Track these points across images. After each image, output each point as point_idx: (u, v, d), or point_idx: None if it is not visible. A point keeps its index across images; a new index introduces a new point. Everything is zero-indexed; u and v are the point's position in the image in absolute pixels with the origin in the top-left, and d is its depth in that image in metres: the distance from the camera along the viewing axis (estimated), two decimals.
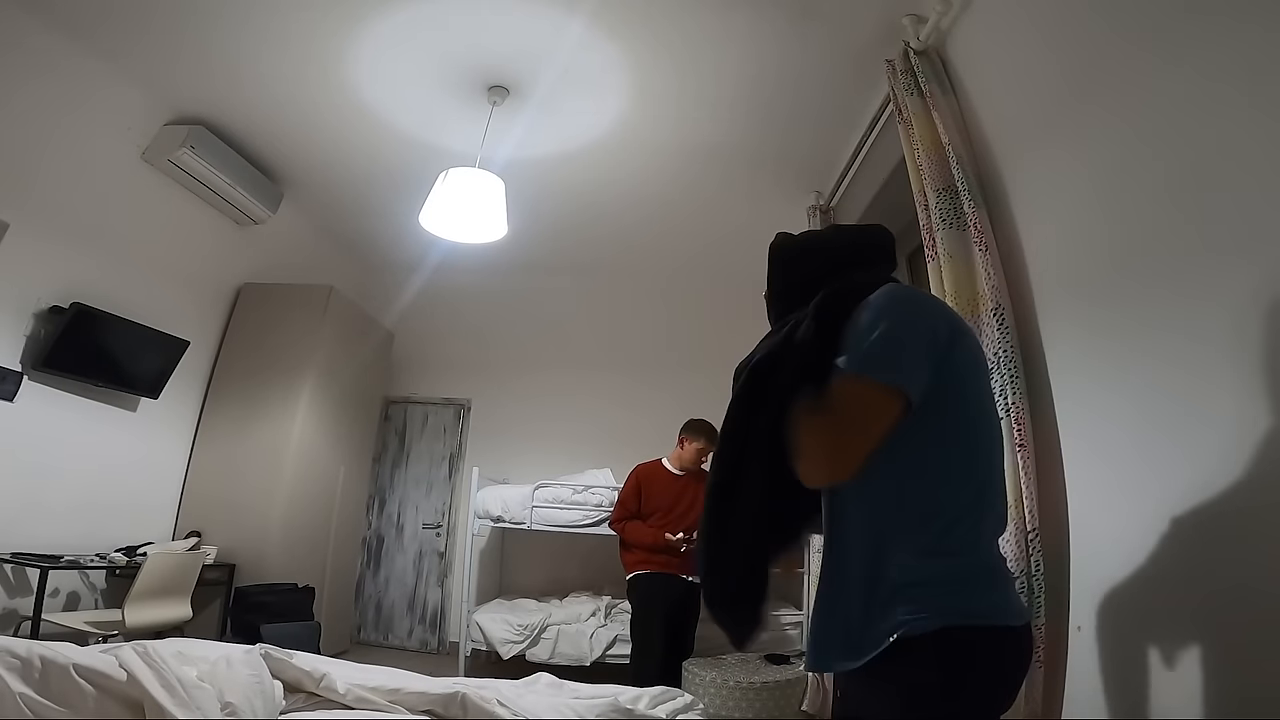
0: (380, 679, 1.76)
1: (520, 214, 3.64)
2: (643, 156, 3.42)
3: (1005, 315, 1.76)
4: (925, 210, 2.07)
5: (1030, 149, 1.85)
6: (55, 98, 2.81)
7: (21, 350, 2.99)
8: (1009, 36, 1.97)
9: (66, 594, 3.21)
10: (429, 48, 2.70)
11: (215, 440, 3.98)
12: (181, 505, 3.91)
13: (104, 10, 2.57)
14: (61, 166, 3.00)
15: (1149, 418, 1.38)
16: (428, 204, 2.87)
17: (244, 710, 1.47)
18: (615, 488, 4.22)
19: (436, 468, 5.38)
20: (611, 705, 1.82)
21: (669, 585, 3.09)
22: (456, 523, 5.20)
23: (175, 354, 3.66)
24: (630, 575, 3.20)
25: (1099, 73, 1.57)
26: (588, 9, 2.45)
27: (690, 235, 4.21)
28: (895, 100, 2.29)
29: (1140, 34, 1.43)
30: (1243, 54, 1.17)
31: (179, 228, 3.65)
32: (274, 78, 2.95)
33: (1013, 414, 1.67)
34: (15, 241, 2.85)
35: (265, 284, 4.32)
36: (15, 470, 2.96)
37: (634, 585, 3.18)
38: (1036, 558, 1.57)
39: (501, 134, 3.12)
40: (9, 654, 1.32)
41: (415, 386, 5.54)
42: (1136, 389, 1.42)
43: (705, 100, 2.96)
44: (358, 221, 4.39)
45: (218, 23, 2.63)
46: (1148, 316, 1.40)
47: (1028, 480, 1.62)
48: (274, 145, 3.53)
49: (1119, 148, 1.50)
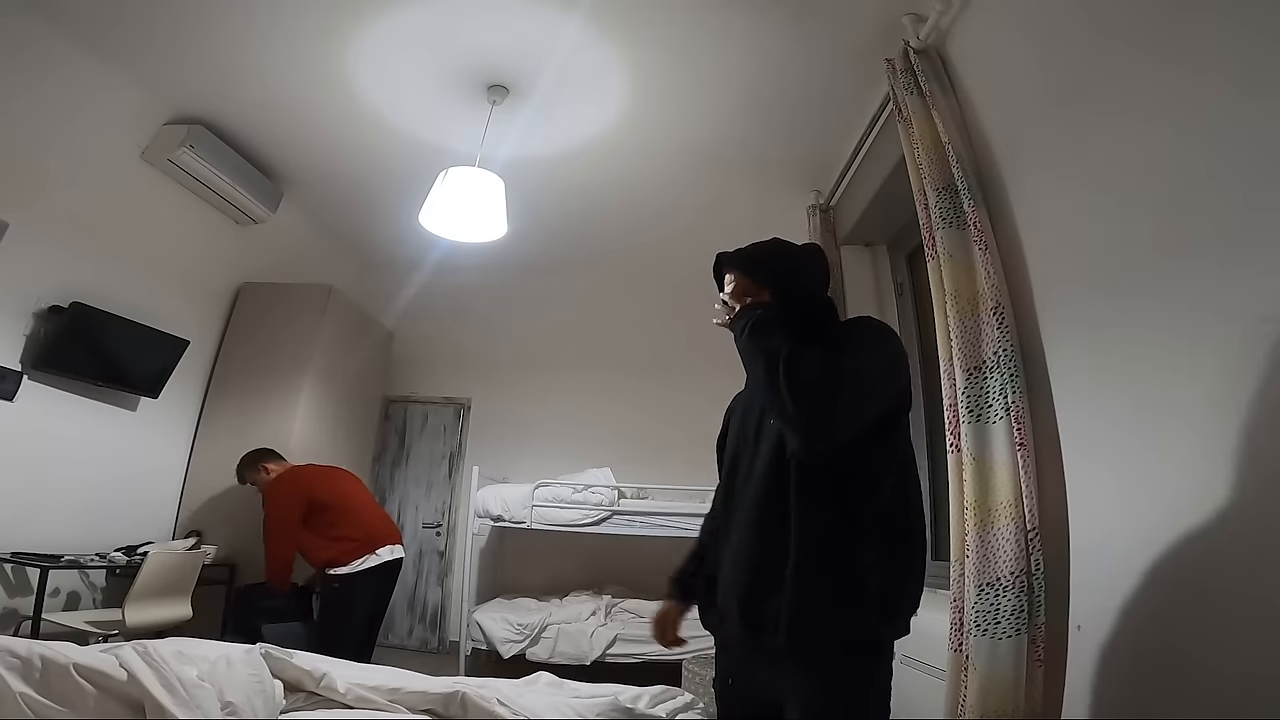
0: (380, 678, 1.76)
1: (520, 213, 3.64)
2: (642, 155, 3.42)
3: (1005, 314, 1.76)
4: (925, 209, 2.07)
5: (1030, 147, 1.84)
6: (55, 97, 2.81)
7: (21, 350, 2.99)
8: (1009, 35, 1.96)
9: (67, 594, 3.21)
10: (428, 47, 2.70)
11: (215, 440, 3.98)
12: (181, 505, 3.91)
13: (103, 10, 2.57)
14: (61, 166, 2.99)
15: (1149, 417, 1.38)
16: (427, 203, 2.87)
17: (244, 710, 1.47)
18: (615, 487, 4.23)
19: (436, 467, 5.38)
20: (611, 705, 1.82)
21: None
22: (456, 522, 5.20)
23: (175, 353, 3.66)
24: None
25: (1099, 71, 1.56)
26: (587, 7, 2.44)
27: (690, 234, 4.20)
28: (895, 99, 2.28)
29: (1140, 33, 1.43)
30: (1243, 52, 1.16)
31: (178, 227, 3.65)
32: (273, 77, 2.95)
33: (1013, 413, 1.67)
34: (15, 241, 2.85)
35: (265, 283, 4.32)
36: (15, 470, 2.96)
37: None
38: (1036, 557, 1.57)
39: (501, 133, 3.12)
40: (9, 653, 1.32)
41: (415, 386, 5.54)
42: (1136, 388, 1.42)
43: (705, 99, 2.96)
44: (357, 221, 4.39)
45: (216, 22, 2.62)
46: (1148, 315, 1.40)
47: (1028, 480, 1.62)
48: (273, 145, 3.52)
49: (1119, 146, 1.50)
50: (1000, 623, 1.56)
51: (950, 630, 1.72)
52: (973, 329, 1.82)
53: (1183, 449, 1.27)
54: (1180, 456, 1.28)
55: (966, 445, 1.74)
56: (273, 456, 3.41)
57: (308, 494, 3.15)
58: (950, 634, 1.72)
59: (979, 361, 1.80)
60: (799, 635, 1.07)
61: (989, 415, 1.74)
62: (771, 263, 1.37)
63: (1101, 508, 1.52)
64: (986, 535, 1.66)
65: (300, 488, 3.18)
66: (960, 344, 1.81)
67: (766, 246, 1.41)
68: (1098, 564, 1.50)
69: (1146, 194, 1.41)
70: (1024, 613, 1.55)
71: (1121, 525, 1.42)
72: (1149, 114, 1.40)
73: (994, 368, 1.74)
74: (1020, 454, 1.64)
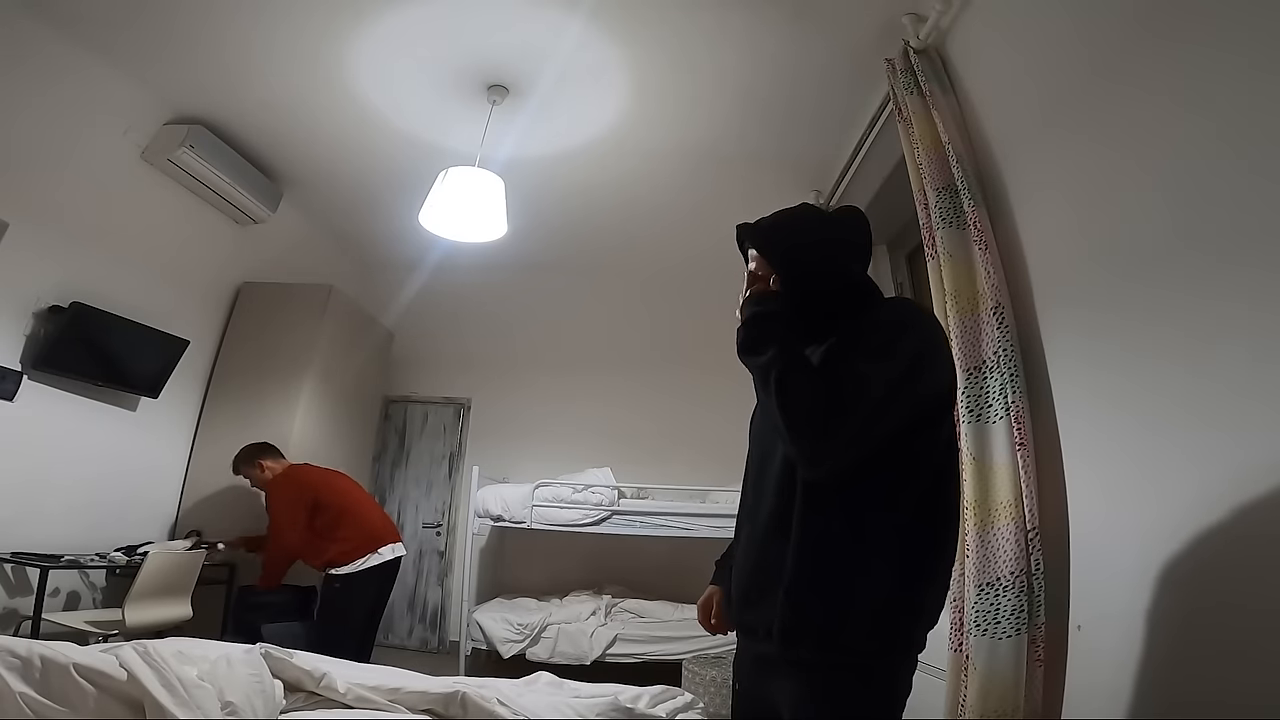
0: (380, 678, 1.76)
1: (520, 213, 3.64)
2: (642, 155, 3.42)
3: (1005, 314, 1.76)
4: (925, 209, 2.07)
5: (1030, 147, 1.84)
6: (55, 97, 2.80)
7: (21, 349, 2.98)
8: (1009, 35, 1.96)
9: (67, 594, 3.21)
10: (428, 47, 2.70)
11: (215, 439, 3.98)
12: (181, 505, 3.91)
13: (104, 10, 2.57)
14: (61, 166, 2.99)
15: (1149, 416, 1.38)
16: (427, 203, 2.87)
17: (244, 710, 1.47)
18: (615, 487, 4.23)
19: (436, 467, 5.38)
20: (611, 704, 1.82)
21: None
22: (456, 522, 5.20)
23: (175, 353, 3.65)
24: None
25: (1099, 71, 1.56)
26: (587, 8, 2.44)
27: (690, 234, 4.21)
28: (895, 99, 2.29)
29: (1140, 32, 1.43)
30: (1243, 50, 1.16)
31: (178, 227, 3.65)
32: (273, 77, 2.95)
33: (1012, 413, 1.68)
34: (15, 241, 2.85)
35: (265, 283, 4.32)
36: (15, 470, 2.96)
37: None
38: (1036, 557, 1.57)
39: (501, 133, 3.12)
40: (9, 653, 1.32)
41: (415, 386, 5.54)
42: (1136, 387, 1.42)
43: (705, 99, 2.96)
44: (357, 221, 4.38)
45: (217, 22, 2.62)
46: (1148, 315, 1.40)
47: (1028, 480, 1.62)
48: (273, 145, 3.52)
49: (1119, 146, 1.50)
50: (1000, 623, 1.56)
51: (950, 630, 1.73)
52: (973, 329, 1.83)
53: (1183, 449, 1.27)
54: (1180, 456, 1.28)
55: (966, 445, 1.74)
56: (270, 452, 3.41)
57: (313, 496, 3.17)
58: (950, 634, 1.73)
59: (979, 361, 1.80)
60: (790, 643, 1.03)
61: (989, 415, 1.74)
62: (785, 241, 1.18)
63: (1101, 508, 1.52)
64: (986, 535, 1.66)
65: (306, 489, 3.20)
66: (960, 344, 1.82)
67: (785, 218, 1.22)
68: (1098, 564, 1.50)
69: (1146, 194, 1.41)
70: (1024, 613, 1.55)
71: (1121, 525, 1.42)
72: (1149, 113, 1.40)
73: (994, 368, 1.74)
74: (1020, 454, 1.64)
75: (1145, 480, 1.38)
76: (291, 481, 3.24)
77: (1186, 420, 1.27)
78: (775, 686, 1.11)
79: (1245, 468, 1.11)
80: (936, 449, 1.06)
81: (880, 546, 1.02)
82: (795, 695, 1.07)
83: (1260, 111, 1.12)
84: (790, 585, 1.03)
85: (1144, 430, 1.39)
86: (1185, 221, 1.29)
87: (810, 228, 1.21)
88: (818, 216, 1.24)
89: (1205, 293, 1.23)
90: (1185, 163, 1.29)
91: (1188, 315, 1.28)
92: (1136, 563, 1.34)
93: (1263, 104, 1.11)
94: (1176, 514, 1.26)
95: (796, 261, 1.16)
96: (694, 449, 4.87)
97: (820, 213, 1.26)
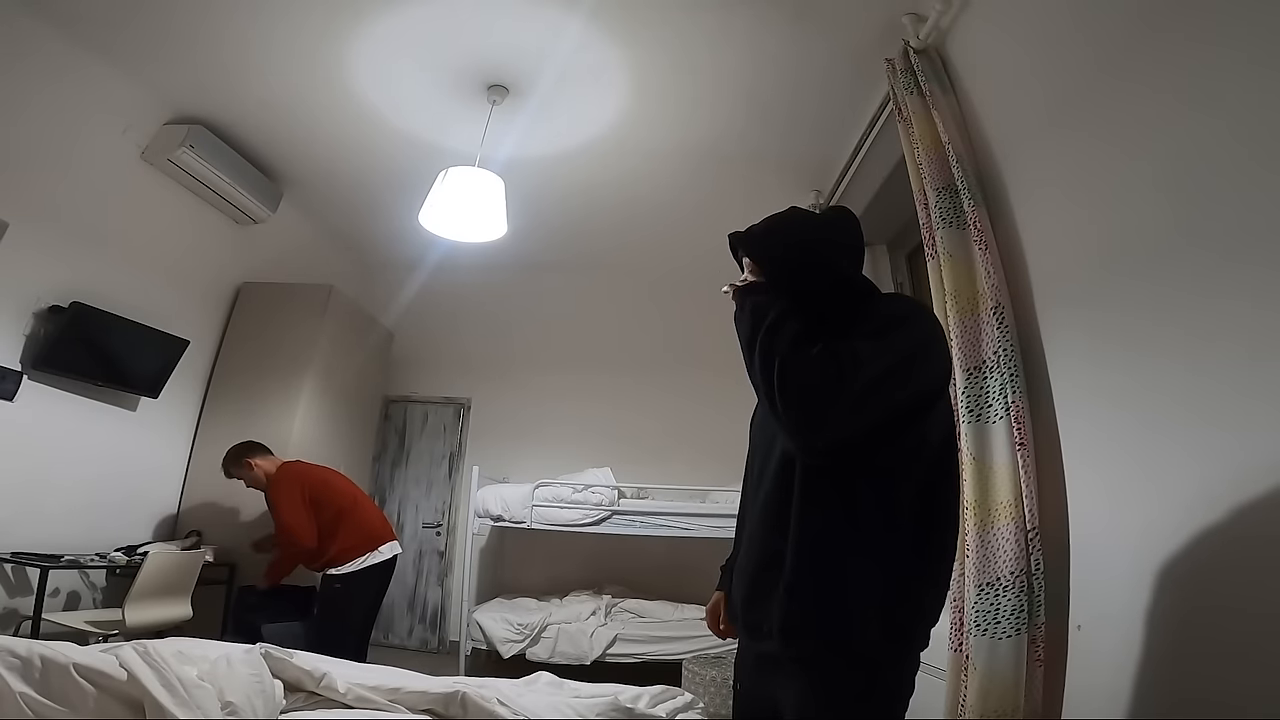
0: (380, 678, 1.76)
1: (520, 213, 3.64)
2: (642, 155, 3.42)
3: (1005, 314, 1.76)
4: (925, 209, 2.07)
5: (1030, 147, 1.84)
6: (55, 97, 2.80)
7: (21, 350, 2.98)
8: (1009, 35, 1.96)
9: (67, 594, 3.21)
10: (428, 47, 2.70)
11: (215, 439, 3.96)
12: (181, 505, 3.91)
13: (104, 10, 2.57)
14: (61, 166, 2.99)
15: (1149, 416, 1.38)
16: (427, 203, 2.87)
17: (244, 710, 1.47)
18: (615, 487, 4.23)
19: (436, 467, 5.38)
20: (611, 704, 1.82)
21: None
22: (456, 522, 5.20)
23: (175, 353, 3.65)
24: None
25: (1099, 70, 1.56)
26: (587, 8, 2.44)
27: (690, 234, 4.20)
28: (895, 99, 2.29)
29: (1142, 29, 1.43)
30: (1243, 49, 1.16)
31: (178, 227, 3.65)
32: (273, 76, 2.95)
33: (1012, 413, 1.67)
34: (15, 241, 2.85)
35: (265, 283, 4.32)
36: (15, 470, 2.96)
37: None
38: (1036, 557, 1.57)
39: (501, 133, 3.12)
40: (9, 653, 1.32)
41: (415, 385, 5.54)
42: (1136, 387, 1.42)
43: (705, 99, 2.96)
44: (357, 221, 4.38)
45: (216, 21, 2.62)
46: (1148, 314, 1.40)
47: (1028, 480, 1.62)
48: (273, 144, 3.52)
49: (1120, 144, 1.50)
50: (1000, 623, 1.56)
51: (950, 630, 1.73)
52: (973, 329, 1.83)
53: (1183, 449, 1.27)
54: (1180, 456, 1.28)
55: (966, 445, 1.74)
56: (259, 450, 3.40)
57: (312, 495, 3.17)
58: (950, 634, 1.73)
59: (979, 361, 1.80)
60: (790, 640, 1.03)
61: (989, 415, 1.74)
62: (778, 244, 1.21)
63: (1101, 508, 1.52)
64: (986, 535, 1.66)
65: (305, 486, 3.20)
66: (960, 344, 1.82)
67: (775, 223, 1.24)
68: (1098, 564, 1.50)
69: (1148, 192, 1.41)
70: (1024, 613, 1.55)
71: (1121, 525, 1.42)
72: (1149, 112, 1.40)
73: (994, 368, 1.74)
74: (1020, 454, 1.64)
75: (1145, 480, 1.38)
76: (291, 479, 3.24)
77: (1187, 419, 1.27)
78: (777, 686, 1.11)
79: (1246, 467, 1.11)
80: (933, 446, 1.06)
81: (880, 544, 1.02)
82: (798, 694, 1.06)
83: (1266, 108, 1.12)
84: (791, 582, 1.03)
85: (1144, 430, 1.39)
86: (1188, 219, 1.29)
87: (799, 229, 1.23)
88: (806, 218, 1.26)
89: (1207, 291, 1.23)
90: (1188, 160, 1.29)
91: (1189, 314, 1.28)
92: (1136, 563, 1.34)
93: (1268, 101, 1.11)
94: (1176, 514, 1.26)
95: (788, 262, 1.18)
96: (694, 449, 4.87)
97: (808, 214, 1.28)
